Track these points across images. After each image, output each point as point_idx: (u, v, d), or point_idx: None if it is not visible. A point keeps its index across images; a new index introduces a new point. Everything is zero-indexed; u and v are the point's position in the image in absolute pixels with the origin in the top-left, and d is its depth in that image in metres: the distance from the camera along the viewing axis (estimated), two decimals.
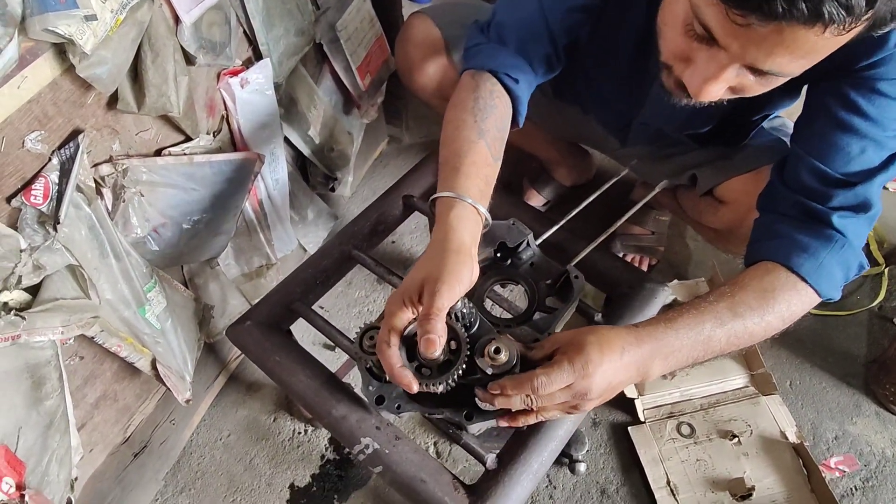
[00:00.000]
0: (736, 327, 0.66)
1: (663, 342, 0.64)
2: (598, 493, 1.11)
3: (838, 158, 0.71)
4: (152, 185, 0.78)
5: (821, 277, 0.69)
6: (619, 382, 0.64)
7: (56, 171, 0.65)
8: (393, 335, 0.61)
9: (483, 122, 0.76)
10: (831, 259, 0.70)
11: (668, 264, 1.42)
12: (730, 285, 0.69)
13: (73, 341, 0.76)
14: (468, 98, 0.78)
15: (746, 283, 0.69)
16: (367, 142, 1.52)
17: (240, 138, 0.96)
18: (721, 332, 0.65)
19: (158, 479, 1.14)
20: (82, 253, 0.68)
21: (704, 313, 0.66)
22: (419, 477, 0.73)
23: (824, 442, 1.14)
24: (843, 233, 0.71)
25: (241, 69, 0.92)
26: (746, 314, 0.66)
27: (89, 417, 0.86)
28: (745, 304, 0.66)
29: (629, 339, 0.63)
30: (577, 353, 0.61)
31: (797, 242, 0.71)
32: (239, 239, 1.07)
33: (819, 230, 0.71)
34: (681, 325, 0.65)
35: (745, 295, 0.67)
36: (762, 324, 0.67)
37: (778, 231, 0.74)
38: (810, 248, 0.70)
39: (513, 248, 0.81)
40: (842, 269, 0.71)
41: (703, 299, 0.68)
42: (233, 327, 0.87)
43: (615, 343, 0.62)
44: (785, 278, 0.69)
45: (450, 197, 0.69)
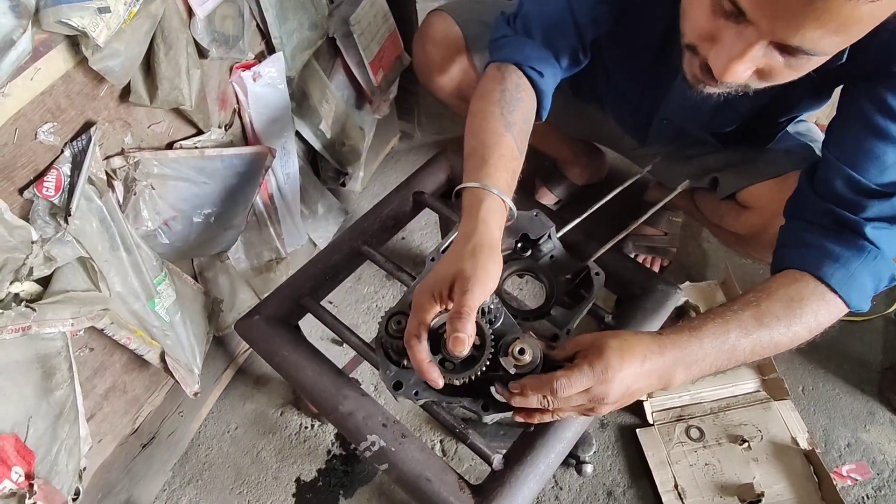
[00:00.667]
0: (761, 337, 0.64)
1: (687, 351, 0.63)
2: (604, 495, 1.10)
3: (873, 167, 0.69)
4: (163, 179, 0.78)
5: (851, 289, 0.67)
6: (637, 389, 0.63)
7: (68, 164, 0.65)
8: (423, 329, 0.62)
9: (510, 114, 0.75)
10: (863, 270, 0.68)
11: (680, 266, 1.41)
12: (755, 293, 0.67)
13: (83, 333, 0.76)
14: (494, 90, 0.77)
15: (773, 292, 0.67)
16: (379, 137, 1.51)
17: (251, 132, 0.96)
18: (746, 341, 0.64)
19: (166, 470, 1.14)
20: (93, 245, 0.68)
21: (730, 322, 0.64)
22: (425, 476, 0.72)
23: (836, 449, 1.13)
24: (877, 244, 0.69)
25: (253, 63, 0.92)
26: (772, 324, 0.64)
27: (98, 408, 0.87)
28: (772, 314, 0.65)
29: (652, 347, 0.62)
30: (597, 357, 0.60)
31: (828, 252, 0.69)
32: (249, 233, 1.07)
33: (851, 240, 0.69)
34: (705, 334, 0.63)
35: (772, 304, 0.66)
36: (788, 334, 0.65)
37: (807, 239, 0.72)
38: (842, 259, 0.68)
39: (534, 240, 0.80)
40: (873, 281, 0.69)
41: (728, 308, 0.66)
42: (241, 321, 0.87)
43: (637, 350, 0.61)
44: (814, 288, 0.68)
45: (479, 188, 0.68)
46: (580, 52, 0.85)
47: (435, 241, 1.47)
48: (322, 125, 1.15)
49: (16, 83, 0.58)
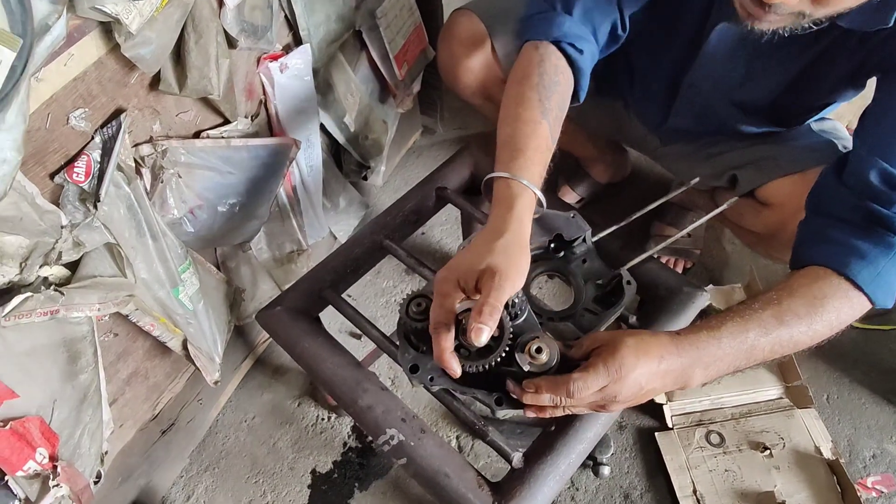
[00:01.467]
0: (781, 336, 0.63)
1: (705, 351, 0.62)
2: (621, 497, 1.09)
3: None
4: (190, 167, 0.79)
5: (878, 287, 0.65)
6: (652, 389, 0.62)
7: (98, 150, 0.65)
8: (450, 317, 0.62)
9: (547, 100, 0.74)
10: (891, 268, 0.66)
11: (703, 268, 1.38)
12: (776, 291, 0.66)
13: (108, 318, 0.77)
14: (532, 73, 0.76)
15: (795, 290, 0.66)
16: (401, 132, 1.51)
17: (277, 123, 0.96)
18: (765, 340, 0.63)
19: (184, 456, 1.16)
20: (120, 232, 0.69)
21: (749, 321, 0.63)
22: (443, 471, 0.72)
23: (860, 460, 1.10)
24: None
25: (280, 54, 0.92)
26: (793, 323, 0.63)
27: (121, 393, 0.88)
28: (793, 312, 0.63)
29: (669, 348, 0.61)
30: (611, 355, 0.60)
31: (854, 249, 0.67)
32: (271, 224, 1.07)
33: (880, 236, 0.67)
34: (724, 334, 0.62)
35: (793, 302, 0.64)
36: (809, 333, 0.64)
37: (831, 236, 0.70)
38: (869, 256, 0.66)
39: (569, 242, 0.79)
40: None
41: (747, 306, 0.65)
42: (263, 312, 0.87)
43: (653, 350, 0.61)
44: (837, 285, 0.66)
45: (513, 181, 0.68)
46: (619, 29, 0.83)
47: (455, 238, 1.46)
48: (346, 118, 1.15)
49: (50, 68, 0.58)
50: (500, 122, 0.75)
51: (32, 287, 0.59)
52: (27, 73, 0.52)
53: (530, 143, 0.70)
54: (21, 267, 0.58)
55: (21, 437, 0.63)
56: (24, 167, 0.59)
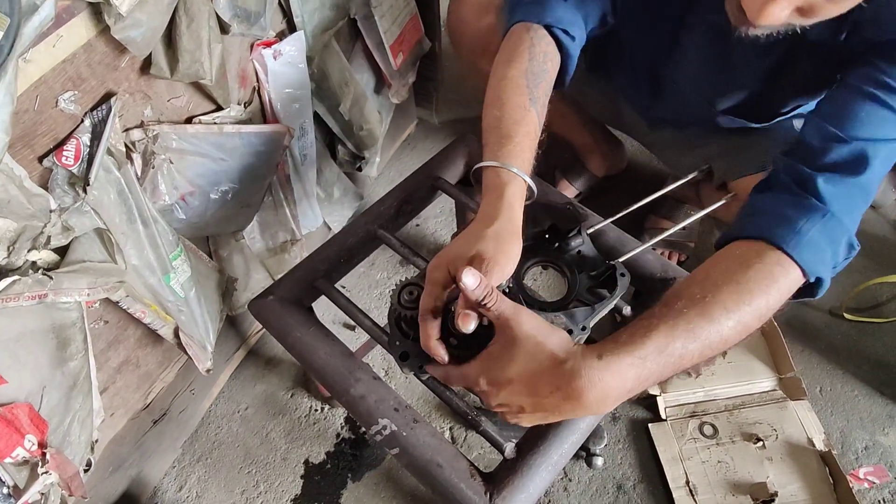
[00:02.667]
0: (711, 337, 0.57)
1: (625, 377, 0.55)
2: (614, 488, 1.09)
3: (848, 122, 0.65)
4: (182, 153, 0.78)
5: (801, 245, 0.61)
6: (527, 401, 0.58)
7: (88, 133, 0.64)
8: (438, 304, 0.61)
9: (535, 88, 0.73)
10: (811, 227, 0.62)
11: (697, 261, 1.38)
12: (700, 284, 0.60)
13: (98, 305, 0.76)
14: (523, 56, 0.74)
15: (717, 277, 0.60)
16: (396, 123, 1.50)
17: (270, 111, 0.95)
18: (695, 346, 0.57)
19: (176, 447, 1.15)
20: (110, 217, 0.68)
21: (676, 328, 0.57)
22: (436, 461, 0.72)
23: (853, 452, 1.11)
24: (826, 200, 0.63)
25: (274, 41, 0.91)
26: (722, 318, 0.58)
27: (111, 382, 0.87)
28: (721, 306, 0.58)
29: (573, 383, 0.54)
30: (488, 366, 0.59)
31: (773, 214, 0.64)
32: (265, 213, 1.07)
33: (799, 199, 0.64)
34: (650, 352, 0.56)
35: (719, 293, 0.58)
36: (738, 327, 0.59)
37: (758, 207, 0.67)
38: (786, 217, 0.63)
39: (564, 233, 0.79)
40: (828, 244, 0.63)
41: (670, 307, 0.59)
42: (255, 301, 0.86)
43: (542, 384, 0.56)
44: (758, 255, 0.61)
45: (503, 169, 0.67)
46: (610, 15, 0.82)
47: (450, 229, 1.46)
48: (341, 107, 1.14)
49: (38, 49, 0.57)
50: (488, 104, 0.74)
51: (20, 271, 0.58)
52: (14, 54, 0.51)
53: (519, 130, 0.69)
54: (8, 251, 0.58)
55: (9, 423, 0.62)
56: (11, 149, 0.58)
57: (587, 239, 0.82)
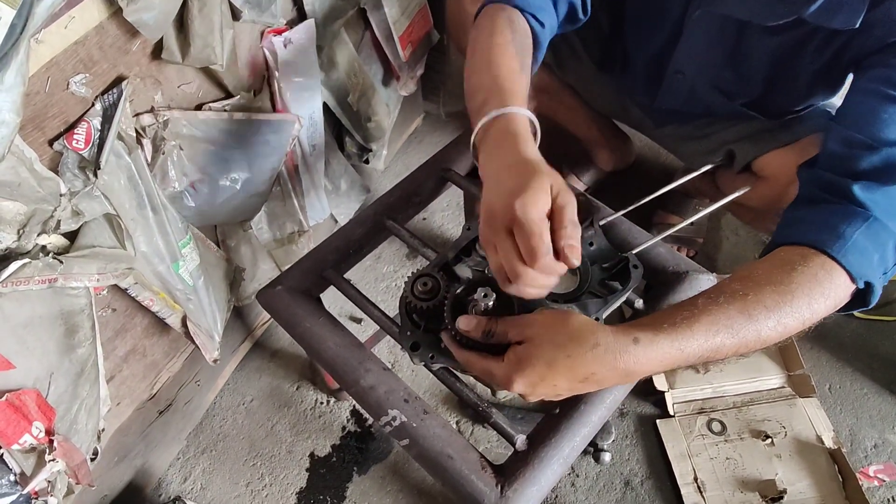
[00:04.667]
0: (748, 336, 0.57)
1: (661, 362, 0.56)
2: (621, 484, 1.09)
3: (871, 126, 0.64)
4: (192, 140, 0.77)
5: (845, 249, 0.59)
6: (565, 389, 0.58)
7: (98, 117, 0.64)
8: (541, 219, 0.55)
9: (524, 57, 0.70)
10: (854, 231, 0.60)
11: (706, 257, 1.38)
12: (742, 282, 0.60)
13: (106, 292, 0.76)
14: (505, 30, 0.71)
15: (759, 277, 0.60)
16: (403, 116, 1.49)
17: (280, 99, 0.94)
18: (732, 342, 0.57)
19: (181, 438, 1.14)
20: (120, 202, 0.67)
21: (717, 324, 0.57)
22: (446, 453, 0.71)
23: (862, 450, 1.10)
24: (867, 205, 0.62)
25: (284, 28, 0.90)
26: (761, 317, 0.57)
27: (118, 370, 0.86)
28: (761, 305, 0.57)
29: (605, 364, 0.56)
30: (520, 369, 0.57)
31: (816, 221, 0.63)
32: (272, 203, 1.06)
33: (838, 207, 0.63)
34: (691, 343, 0.56)
35: (761, 292, 0.58)
36: (778, 328, 0.58)
37: (796, 217, 0.67)
38: (828, 223, 0.62)
39: None
40: (875, 247, 0.61)
41: (713, 301, 0.58)
42: (263, 291, 0.86)
43: (580, 370, 0.56)
44: (802, 259, 0.60)
45: (505, 115, 0.62)
46: (580, 11, 0.80)
47: (457, 223, 1.45)
48: (349, 98, 1.13)
49: (50, 30, 0.56)
50: (476, 69, 0.69)
51: (30, 255, 0.58)
52: (27, 33, 0.50)
53: (517, 89, 0.65)
54: (19, 234, 0.57)
55: (17, 409, 0.62)
56: (22, 131, 0.57)
57: (599, 231, 0.81)
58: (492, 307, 0.64)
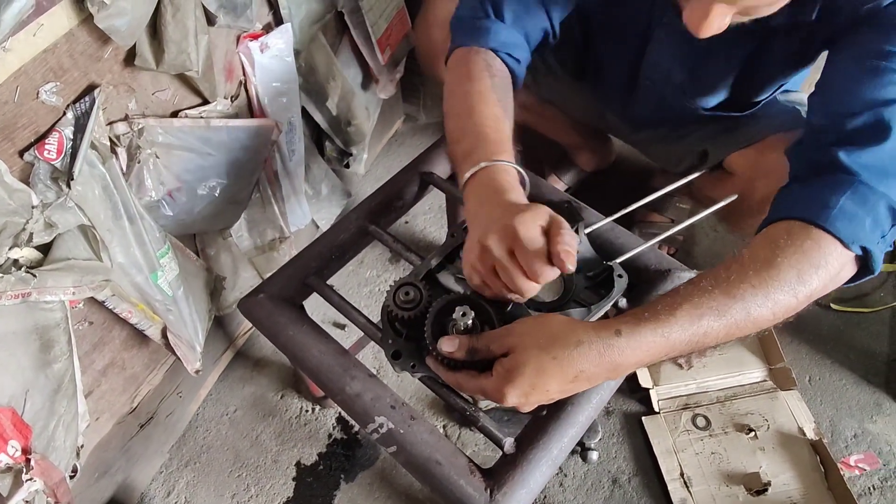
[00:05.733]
0: (737, 316, 0.56)
1: (647, 352, 0.56)
2: (609, 482, 1.09)
3: (849, 95, 0.63)
4: (168, 148, 0.76)
5: (832, 216, 0.58)
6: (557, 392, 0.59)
7: (70, 126, 0.62)
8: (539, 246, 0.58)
9: (506, 101, 0.73)
10: (839, 198, 0.59)
11: (686, 254, 1.39)
12: (726, 265, 0.59)
13: (82, 305, 0.74)
14: (483, 74, 0.73)
15: (744, 259, 0.59)
16: (383, 119, 1.48)
17: (257, 105, 0.93)
18: (720, 324, 0.56)
19: (164, 451, 1.12)
20: (95, 213, 0.66)
21: (701, 307, 0.56)
22: (434, 459, 0.70)
23: (843, 440, 1.12)
24: (854, 171, 0.60)
25: (261, 33, 0.89)
26: (748, 296, 0.56)
27: (97, 385, 0.84)
28: (747, 283, 0.56)
29: (591, 361, 0.56)
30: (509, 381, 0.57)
31: (799, 197, 0.63)
32: (252, 210, 1.04)
33: (823, 180, 0.61)
34: (674, 328, 0.56)
35: (744, 272, 0.57)
36: (769, 304, 0.56)
37: (781, 196, 0.66)
38: (812, 196, 0.61)
39: None
40: (865, 211, 0.59)
41: (695, 285, 0.58)
42: (245, 300, 0.84)
43: (569, 369, 0.56)
44: (786, 232, 0.59)
45: (492, 166, 0.65)
46: (550, 34, 0.83)
47: (439, 226, 1.45)
48: (328, 102, 1.12)
49: (18, 38, 0.55)
50: (456, 115, 0.72)
51: (2, 269, 0.56)
52: None
53: (501, 136, 0.68)
54: None
55: None
56: None
57: (585, 239, 0.81)
58: (471, 324, 0.64)
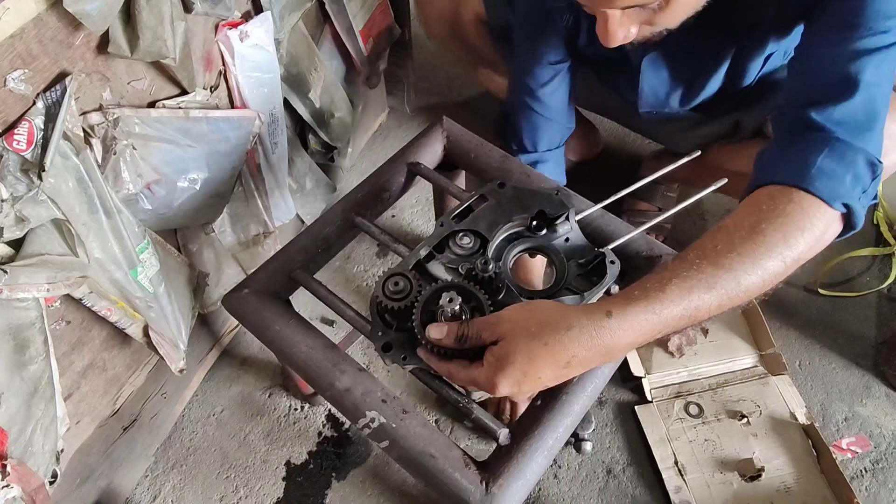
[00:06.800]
0: (728, 286, 0.55)
1: (640, 331, 0.55)
2: (604, 472, 1.08)
3: (822, 54, 0.63)
4: (145, 139, 0.73)
5: (811, 176, 0.58)
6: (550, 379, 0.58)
7: (41, 116, 0.59)
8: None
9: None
10: (817, 157, 0.59)
11: (675, 242, 1.38)
12: (711, 236, 0.59)
13: (59, 304, 0.71)
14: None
15: (728, 227, 0.59)
16: (368, 112, 1.46)
17: (238, 96, 0.90)
18: (711, 296, 0.55)
19: (149, 454, 1.09)
20: (70, 206, 0.63)
21: (689, 280, 0.55)
22: (428, 452, 0.69)
23: (834, 423, 1.12)
24: (828, 129, 0.60)
25: (240, 21, 0.86)
26: (736, 265, 0.55)
27: (76, 387, 0.81)
28: (734, 252, 0.56)
29: (583, 343, 0.55)
30: (500, 370, 0.56)
31: (777, 158, 0.63)
32: (235, 205, 1.02)
33: (798, 140, 0.62)
34: (665, 304, 0.55)
35: (731, 241, 0.57)
36: (759, 272, 0.56)
37: (759, 161, 0.66)
38: (791, 157, 0.61)
39: (551, 219, 0.77)
40: (844, 168, 0.59)
41: (682, 259, 0.58)
42: (229, 295, 0.82)
43: (558, 355, 0.55)
44: (768, 197, 0.59)
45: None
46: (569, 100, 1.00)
47: (427, 219, 1.43)
48: (311, 94, 1.10)
49: None
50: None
51: None
52: None
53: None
54: None
55: None
56: None
57: (575, 226, 0.80)
58: (459, 311, 0.62)
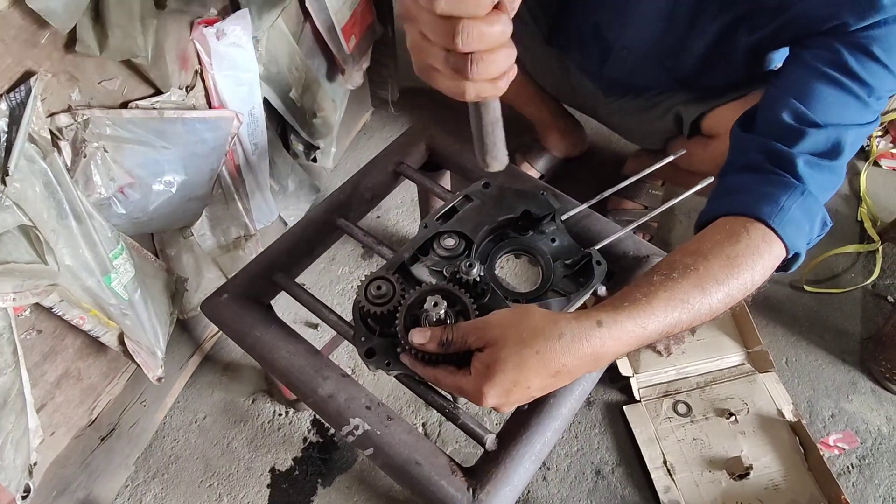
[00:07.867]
0: (702, 309, 0.59)
1: (627, 341, 0.56)
2: (593, 473, 1.08)
3: (818, 105, 0.66)
4: (118, 141, 0.71)
5: (784, 222, 0.62)
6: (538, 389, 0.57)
7: (5, 118, 0.57)
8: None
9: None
10: (792, 204, 0.63)
11: (661, 241, 1.39)
12: (692, 256, 0.61)
13: (29, 313, 0.69)
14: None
15: (707, 251, 0.61)
16: (351, 111, 1.44)
17: (215, 95, 0.88)
18: (687, 316, 0.58)
19: (129, 464, 1.07)
20: (37, 212, 0.60)
21: (673, 299, 0.58)
22: (414, 459, 0.67)
23: (821, 420, 1.13)
24: (805, 180, 0.65)
25: (216, 19, 0.84)
26: (713, 290, 0.59)
27: (50, 398, 0.79)
28: (712, 278, 0.59)
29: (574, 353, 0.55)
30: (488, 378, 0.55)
31: (757, 191, 0.65)
32: (215, 207, 0.99)
33: (780, 178, 0.65)
34: (651, 319, 0.56)
35: (710, 266, 0.60)
36: (725, 300, 0.60)
37: (736, 185, 0.68)
38: (768, 194, 0.64)
39: (537, 220, 0.76)
40: (807, 220, 0.65)
41: (667, 277, 0.59)
42: (208, 300, 0.80)
43: (551, 364, 0.54)
44: (745, 230, 0.62)
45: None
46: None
47: (412, 220, 1.41)
48: (292, 93, 1.08)
49: None
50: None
51: None
52: None
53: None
54: None
55: None
56: None
57: (561, 226, 0.79)
58: (444, 316, 0.61)
